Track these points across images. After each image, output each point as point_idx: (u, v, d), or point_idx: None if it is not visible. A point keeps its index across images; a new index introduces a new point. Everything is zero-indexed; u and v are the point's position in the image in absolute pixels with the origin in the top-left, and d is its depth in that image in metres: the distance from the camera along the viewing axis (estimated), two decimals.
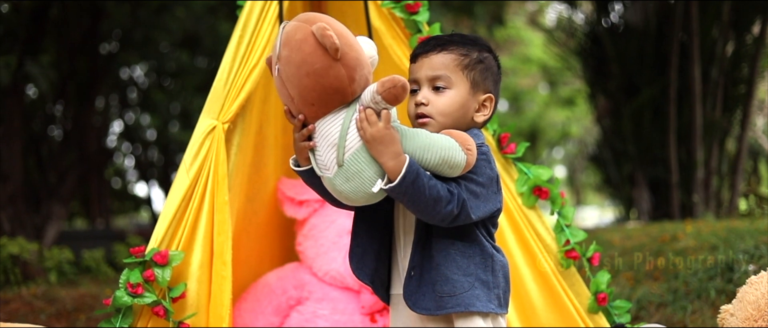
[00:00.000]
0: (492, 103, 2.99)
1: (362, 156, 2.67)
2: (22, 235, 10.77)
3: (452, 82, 2.91)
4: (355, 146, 2.69)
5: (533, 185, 3.98)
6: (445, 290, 2.78)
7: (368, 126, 2.64)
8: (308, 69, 2.67)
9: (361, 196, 2.70)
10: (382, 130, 2.64)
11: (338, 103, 2.71)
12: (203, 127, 3.82)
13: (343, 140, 2.69)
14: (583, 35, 12.35)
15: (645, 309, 5.39)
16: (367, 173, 2.68)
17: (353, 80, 2.68)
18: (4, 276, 8.58)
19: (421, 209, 2.69)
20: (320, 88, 2.68)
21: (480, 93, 2.96)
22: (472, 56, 2.94)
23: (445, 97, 2.90)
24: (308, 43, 2.66)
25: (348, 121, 2.69)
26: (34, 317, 6.67)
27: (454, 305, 2.79)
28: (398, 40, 4.09)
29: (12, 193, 12.86)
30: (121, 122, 20.98)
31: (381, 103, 2.63)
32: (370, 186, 2.67)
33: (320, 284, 4.43)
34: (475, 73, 2.93)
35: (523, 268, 3.95)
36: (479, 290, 2.82)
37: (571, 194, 27.24)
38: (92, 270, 9.76)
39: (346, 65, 2.67)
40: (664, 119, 10.91)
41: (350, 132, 2.69)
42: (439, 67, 2.92)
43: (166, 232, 3.69)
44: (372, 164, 2.67)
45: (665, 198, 11.04)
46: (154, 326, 3.64)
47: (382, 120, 2.65)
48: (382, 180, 2.67)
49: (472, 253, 2.84)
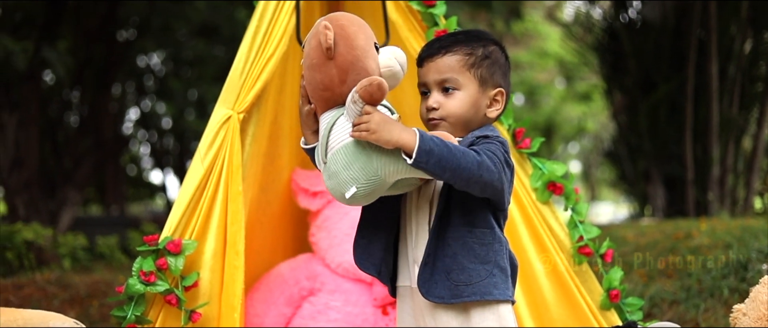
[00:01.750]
0: (503, 97, 3.00)
1: (340, 158, 2.69)
2: (37, 220, 10.81)
3: (460, 83, 2.92)
4: (335, 147, 2.71)
5: (547, 180, 3.97)
6: (461, 278, 2.78)
7: (364, 124, 2.63)
8: (309, 63, 2.76)
9: (339, 196, 2.73)
10: (377, 117, 2.63)
11: (330, 101, 2.76)
12: (218, 117, 3.83)
13: (324, 139, 2.74)
14: (600, 31, 12.31)
15: (658, 307, 5.38)
16: (342, 176, 2.69)
17: (344, 82, 2.70)
18: (19, 261, 8.61)
19: (456, 162, 2.63)
20: (314, 83, 2.77)
21: (490, 89, 2.97)
22: (477, 54, 2.95)
23: (455, 99, 2.91)
24: (315, 38, 2.74)
25: (333, 121, 2.72)
26: (47, 302, 6.69)
27: (470, 293, 2.79)
28: (415, 32, 4.09)
29: (27, 178, 12.91)
30: (138, 109, 21.01)
31: (359, 101, 2.64)
32: (344, 189, 2.69)
33: (333, 275, 4.43)
34: (482, 70, 2.94)
35: (536, 263, 3.95)
36: (498, 278, 2.83)
37: (586, 189, 27.19)
38: (106, 257, 9.78)
39: (339, 65, 2.70)
40: (680, 116, 10.87)
41: (334, 132, 2.72)
42: (446, 69, 2.93)
43: (180, 221, 3.70)
44: (349, 167, 2.67)
45: (680, 195, 11.00)
46: (166, 314, 3.65)
47: (371, 111, 2.64)
48: (356, 188, 2.67)
49: (491, 240, 2.85)
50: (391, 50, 2.82)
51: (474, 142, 2.82)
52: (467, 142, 2.82)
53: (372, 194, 2.72)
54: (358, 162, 2.66)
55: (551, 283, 3.93)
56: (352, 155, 2.67)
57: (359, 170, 2.66)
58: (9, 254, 8.64)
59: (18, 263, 8.60)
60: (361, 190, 2.67)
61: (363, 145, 2.66)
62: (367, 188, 2.67)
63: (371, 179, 2.66)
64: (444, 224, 2.83)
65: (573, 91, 23.90)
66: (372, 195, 2.73)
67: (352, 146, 2.68)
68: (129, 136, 21.07)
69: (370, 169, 2.66)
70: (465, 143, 2.82)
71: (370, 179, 2.66)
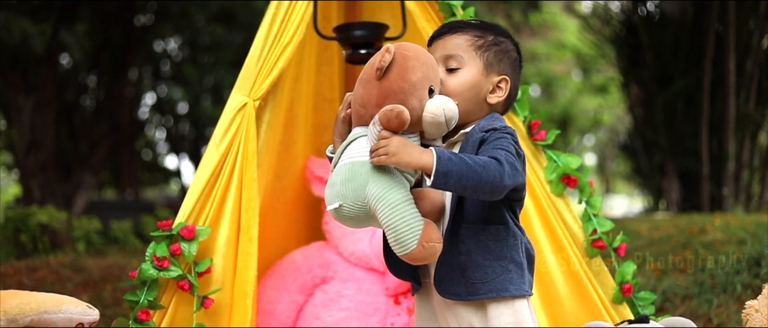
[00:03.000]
0: (507, 85, 2.98)
1: (343, 172, 2.70)
2: (51, 203, 10.85)
3: (464, 61, 2.90)
4: (345, 161, 2.72)
5: (562, 172, 3.96)
6: (477, 276, 2.77)
7: (383, 148, 2.61)
8: (361, 75, 2.77)
9: (328, 203, 2.74)
10: (395, 141, 2.61)
11: (362, 119, 2.76)
12: (234, 104, 3.83)
13: (341, 150, 2.75)
14: (618, 23, 12.27)
15: (670, 301, 5.37)
16: (336, 189, 2.69)
17: (379, 106, 2.68)
18: (33, 244, 8.65)
19: (476, 179, 2.60)
20: (356, 96, 2.77)
21: (494, 75, 2.95)
22: (486, 38, 2.94)
23: (456, 78, 2.90)
24: (378, 55, 2.72)
25: (354, 137, 2.74)
26: (60, 285, 6.72)
27: (486, 291, 2.78)
28: (432, 22, 4.08)
29: (43, 161, 12.95)
30: (154, 94, 21.04)
31: (377, 123, 2.64)
32: (331, 201, 2.70)
33: (345, 264, 4.44)
34: (489, 54, 2.93)
35: (550, 256, 3.94)
36: (513, 274, 2.82)
37: (601, 182, 27.16)
38: (120, 241, 9.81)
39: (382, 88, 2.69)
40: (696, 110, 10.83)
41: (352, 147, 2.72)
42: (452, 47, 2.92)
43: (194, 207, 3.71)
44: (344, 183, 2.67)
45: (695, 190, 10.97)
46: (178, 299, 3.66)
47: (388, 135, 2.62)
48: (340, 204, 2.67)
49: (505, 235, 2.83)
50: (443, 100, 2.78)
51: (484, 138, 2.80)
52: (477, 138, 2.80)
53: (355, 220, 2.72)
54: (354, 183, 2.66)
55: (564, 275, 3.93)
56: (353, 174, 2.67)
57: (351, 190, 2.66)
58: (23, 236, 8.68)
59: (32, 245, 8.64)
60: (345, 209, 2.67)
61: (367, 171, 2.66)
62: (350, 210, 2.67)
63: (356, 205, 2.66)
64: (457, 222, 2.82)
65: (589, 83, 23.84)
66: (355, 221, 2.73)
67: (358, 166, 2.68)
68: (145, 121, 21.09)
69: (360, 194, 2.65)
70: (475, 138, 2.80)
71: (355, 203, 2.66)
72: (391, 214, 2.60)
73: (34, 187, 13.05)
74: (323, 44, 4.48)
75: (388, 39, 4.17)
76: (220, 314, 3.74)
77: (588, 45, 14.32)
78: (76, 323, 3.07)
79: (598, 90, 23.03)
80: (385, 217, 2.61)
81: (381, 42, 4.14)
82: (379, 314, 4.30)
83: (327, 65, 4.68)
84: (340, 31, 4.15)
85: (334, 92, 4.74)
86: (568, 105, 25.25)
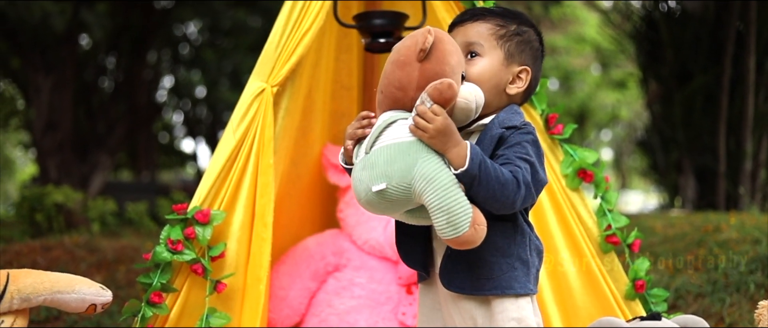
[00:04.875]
0: (527, 76, 2.94)
1: (386, 152, 2.61)
2: (68, 183, 10.91)
3: (485, 50, 2.87)
4: (385, 142, 2.64)
5: (578, 167, 3.95)
6: (483, 272, 2.76)
7: (428, 122, 2.56)
8: (393, 57, 2.70)
9: (363, 189, 2.64)
10: (443, 121, 2.57)
11: (397, 102, 2.69)
12: (252, 89, 3.84)
13: (376, 132, 2.67)
14: (639, 19, 12.24)
15: (683, 299, 5.37)
16: (378, 169, 2.61)
17: (420, 88, 2.63)
18: (48, 223, 8.69)
19: (491, 194, 2.60)
20: (391, 78, 2.69)
21: (515, 65, 2.92)
22: (509, 28, 2.91)
23: (476, 66, 2.86)
24: (411, 39, 2.69)
25: (393, 119, 2.67)
26: (74, 265, 6.75)
27: (491, 287, 2.77)
28: (452, 13, 4.06)
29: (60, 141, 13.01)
30: (172, 78, 21.10)
31: (427, 101, 2.58)
32: (374, 183, 2.61)
33: (359, 252, 4.44)
34: (510, 44, 2.89)
35: (563, 250, 3.93)
36: (519, 271, 2.80)
37: (617, 177, 27.12)
38: (135, 223, 9.85)
39: (423, 70, 2.64)
40: (715, 108, 10.80)
41: (391, 128, 2.65)
42: (473, 35, 2.89)
43: (210, 191, 3.71)
44: (390, 163, 2.59)
45: (711, 188, 10.95)
46: (191, 283, 3.67)
47: (439, 114, 2.58)
48: (387, 186, 2.58)
49: (513, 232, 2.82)
50: (474, 87, 2.77)
51: (503, 135, 2.78)
52: (496, 134, 2.77)
53: (394, 204, 2.64)
54: (400, 163, 2.59)
55: (577, 270, 3.92)
56: (399, 154, 2.60)
57: (398, 170, 2.58)
58: (39, 215, 8.72)
59: (47, 225, 8.68)
60: (389, 191, 2.59)
61: (415, 151, 2.60)
62: (394, 193, 2.59)
63: (401, 186, 2.58)
64: None
65: (608, 78, 23.82)
66: (393, 206, 2.65)
67: (405, 146, 2.61)
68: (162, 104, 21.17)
69: (407, 176, 2.58)
70: (494, 134, 2.78)
71: (400, 184, 2.58)
72: (444, 195, 2.54)
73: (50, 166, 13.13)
74: (343, 32, 4.48)
75: (408, 28, 4.17)
76: (232, 298, 3.75)
77: (608, 40, 14.31)
78: (88, 304, 3.08)
79: (616, 85, 23.01)
80: (437, 198, 2.55)
81: (401, 31, 4.14)
82: (391, 303, 4.31)
83: (346, 53, 4.67)
84: (360, 20, 4.15)
85: (353, 80, 4.74)
86: (586, 99, 25.24)
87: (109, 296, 3.14)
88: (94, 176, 13.97)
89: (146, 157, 21.05)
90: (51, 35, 12.37)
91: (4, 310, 2.97)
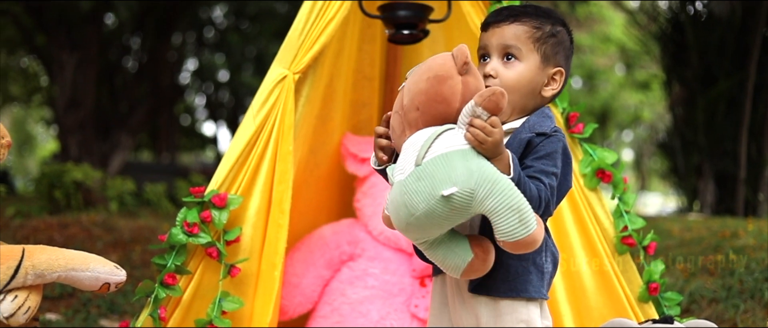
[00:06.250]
0: (562, 78, 2.93)
1: (441, 161, 2.55)
2: (88, 161, 10.95)
3: (523, 54, 2.85)
4: (438, 152, 2.57)
5: (597, 167, 3.94)
6: (498, 274, 2.74)
7: (488, 136, 2.53)
8: (430, 74, 2.64)
9: (423, 198, 2.54)
10: (501, 132, 2.55)
11: (439, 116, 2.64)
12: (274, 76, 3.84)
13: (428, 142, 2.59)
14: (665, 20, 12.22)
15: (696, 303, 5.35)
16: (440, 175, 2.53)
17: (464, 101, 2.60)
18: (66, 201, 8.73)
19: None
20: (432, 93, 2.64)
21: (550, 67, 2.90)
22: (544, 29, 2.89)
23: (513, 71, 2.84)
24: (443, 56, 2.65)
25: (439, 131, 2.60)
26: (90, 243, 6.78)
27: (506, 289, 2.76)
28: (477, 8, 4.06)
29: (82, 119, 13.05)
30: (196, 61, 21.14)
31: (483, 114, 2.54)
32: (440, 188, 2.52)
33: (374, 242, 4.44)
34: (546, 47, 2.88)
35: (579, 250, 3.92)
36: (533, 276, 2.79)
37: (636, 178, 27.06)
38: (152, 203, 9.88)
39: (465, 85, 2.61)
40: (738, 113, 10.77)
41: (442, 138, 2.58)
42: (511, 38, 2.86)
43: (227, 175, 3.72)
44: (449, 169, 2.53)
45: (730, 193, 10.92)
46: (205, 266, 3.68)
47: (497, 126, 2.55)
48: (454, 189, 2.50)
49: None
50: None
51: (532, 141, 2.77)
52: (525, 139, 2.76)
53: (457, 211, 2.55)
54: (462, 169, 2.53)
55: (591, 270, 3.91)
56: (458, 161, 2.54)
57: (461, 175, 2.52)
58: (57, 192, 8.76)
59: (65, 202, 8.72)
60: (456, 196, 2.50)
61: (472, 157, 2.55)
62: (459, 198, 2.51)
63: (465, 192, 2.51)
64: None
65: (632, 78, 23.77)
66: (450, 217, 2.57)
67: (461, 154, 2.56)
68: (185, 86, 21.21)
69: (470, 181, 2.51)
70: (523, 138, 2.75)
71: (464, 189, 2.51)
72: (512, 194, 2.51)
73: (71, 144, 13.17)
74: (366, 22, 4.48)
75: (432, 21, 4.17)
76: (246, 283, 3.76)
77: (633, 40, 14.28)
78: (102, 283, 3.10)
79: (640, 86, 22.97)
80: (506, 198, 2.51)
81: (425, 23, 4.13)
82: (404, 295, 4.31)
83: (369, 43, 4.67)
84: (385, 11, 4.14)
85: (375, 71, 4.73)
86: (609, 99, 25.20)
87: (123, 276, 3.15)
88: (115, 155, 14.02)
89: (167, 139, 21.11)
90: (77, 13, 12.41)
91: (18, 285, 2.98)
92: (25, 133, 30.80)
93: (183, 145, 25.22)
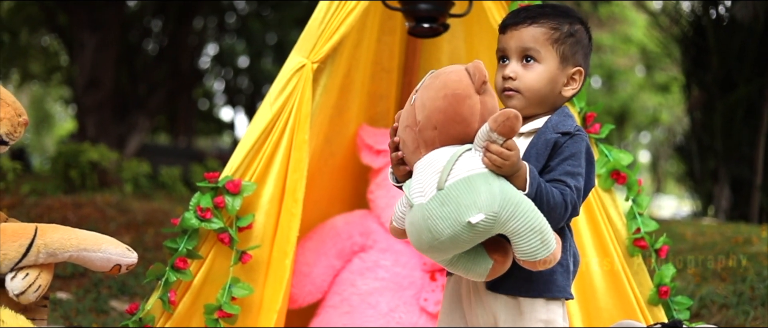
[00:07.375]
0: (581, 77, 2.93)
1: (464, 185, 2.52)
2: (105, 142, 10.97)
3: (542, 56, 2.85)
4: (460, 175, 2.55)
5: (612, 168, 3.93)
6: (522, 274, 2.73)
7: (505, 160, 2.52)
8: (447, 92, 2.61)
9: (448, 224, 2.51)
10: (517, 154, 2.55)
11: (458, 136, 2.62)
12: (292, 64, 3.85)
13: (449, 165, 2.56)
14: (687, 23, 12.18)
15: (707, 308, 5.34)
16: (465, 200, 2.51)
17: (481, 121, 2.58)
18: (81, 181, 8.75)
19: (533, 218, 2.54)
20: (451, 112, 2.61)
21: (569, 67, 2.89)
22: (562, 30, 2.88)
23: (533, 73, 2.84)
24: (458, 72, 2.62)
25: (459, 153, 2.58)
26: (104, 224, 6.80)
27: (528, 289, 2.75)
28: (498, 5, 4.05)
29: (101, 100, 13.09)
30: (216, 46, 21.15)
31: (498, 139, 2.52)
32: (466, 214, 2.49)
33: (386, 234, 4.44)
34: (565, 47, 2.87)
35: (590, 250, 3.91)
36: (558, 275, 2.78)
37: (652, 180, 27.01)
38: (167, 186, 9.91)
39: (483, 105, 2.60)
40: (756, 119, 10.74)
41: (462, 160, 2.56)
42: (529, 40, 2.86)
43: (242, 162, 3.73)
44: (475, 195, 2.50)
45: (746, 199, 10.89)
46: (217, 251, 3.69)
47: (513, 149, 2.55)
48: (483, 216, 2.48)
49: None
50: None
51: (557, 142, 2.76)
52: (551, 140, 2.75)
53: (481, 233, 2.54)
54: (486, 193, 2.51)
55: (602, 271, 3.91)
56: (481, 185, 2.52)
57: (485, 200, 2.50)
58: (73, 172, 8.78)
59: (80, 182, 8.74)
60: (481, 223, 2.48)
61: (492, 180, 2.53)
62: (484, 224, 2.50)
63: (490, 216, 2.49)
64: None
65: (652, 80, 23.72)
66: (474, 238, 2.55)
67: (483, 177, 2.54)
68: (204, 71, 21.24)
69: (493, 205, 2.50)
70: (548, 138, 2.75)
71: (489, 214, 2.49)
72: (534, 216, 2.52)
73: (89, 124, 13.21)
74: (387, 14, 4.47)
75: (453, 16, 4.16)
76: (256, 270, 3.77)
77: (654, 42, 14.25)
78: (113, 264, 3.10)
79: (659, 88, 22.91)
80: (529, 220, 2.51)
81: (445, 17, 4.13)
82: (414, 288, 4.31)
83: (389, 35, 4.66)
84: (406, 3, 4.14)
85: (393, 63, 4.73)
86: (628, 100, 25.15)
87: (135, 258, 3.16)
88: (131, 136, 14.06)
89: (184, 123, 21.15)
90: None
91: (30, 263, 2.99)
92: (44, 111, 30.87)
93: (200, 130, 25.27)
